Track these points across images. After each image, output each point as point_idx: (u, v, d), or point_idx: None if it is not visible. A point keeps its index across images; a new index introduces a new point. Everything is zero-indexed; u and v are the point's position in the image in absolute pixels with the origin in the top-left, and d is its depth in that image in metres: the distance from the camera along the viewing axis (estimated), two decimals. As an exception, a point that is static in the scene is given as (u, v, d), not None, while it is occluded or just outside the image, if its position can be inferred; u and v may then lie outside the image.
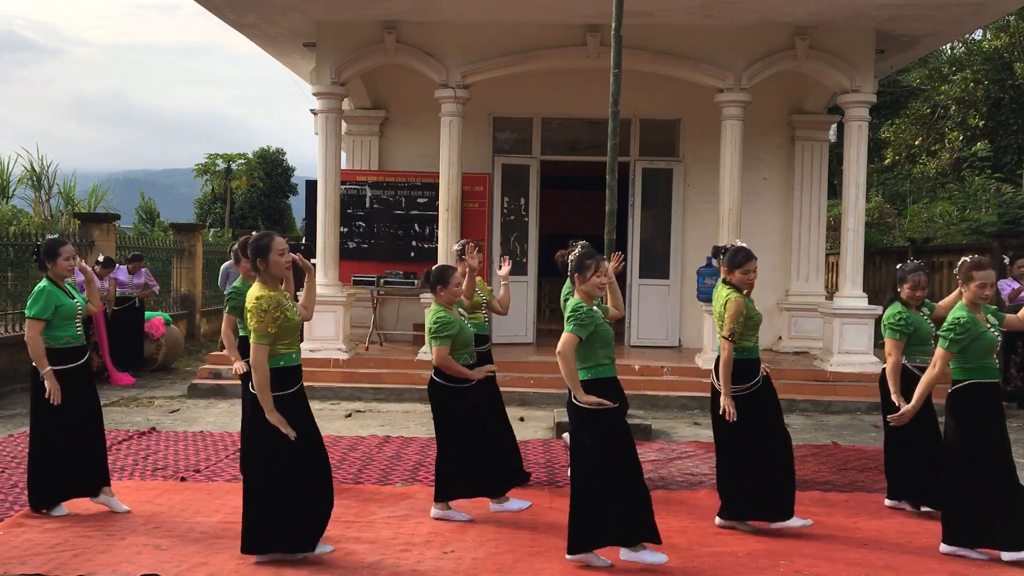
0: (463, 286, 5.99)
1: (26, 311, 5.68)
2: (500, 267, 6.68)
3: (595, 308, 4.99)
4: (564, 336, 4.86)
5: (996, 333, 5.23)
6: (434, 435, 5.92)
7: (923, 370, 5.97)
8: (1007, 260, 10.47)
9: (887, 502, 6.21)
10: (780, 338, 12.65)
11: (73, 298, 5.79)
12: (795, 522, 5.56)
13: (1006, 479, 5.13)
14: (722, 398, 5.47)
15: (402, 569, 4.87)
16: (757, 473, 5.52)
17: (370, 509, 5.95)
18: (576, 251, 5.56)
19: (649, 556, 4.91)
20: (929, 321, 6.03)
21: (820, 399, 10.27)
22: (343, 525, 5.58)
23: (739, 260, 5.61)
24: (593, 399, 4.81)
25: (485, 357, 6.52)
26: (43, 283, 5.73)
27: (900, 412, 5.37)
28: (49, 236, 5.99)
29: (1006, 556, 5.08)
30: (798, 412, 10.07)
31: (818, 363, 11.23)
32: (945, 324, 5.22)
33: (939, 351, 5.17)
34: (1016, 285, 10.31)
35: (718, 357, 5.58)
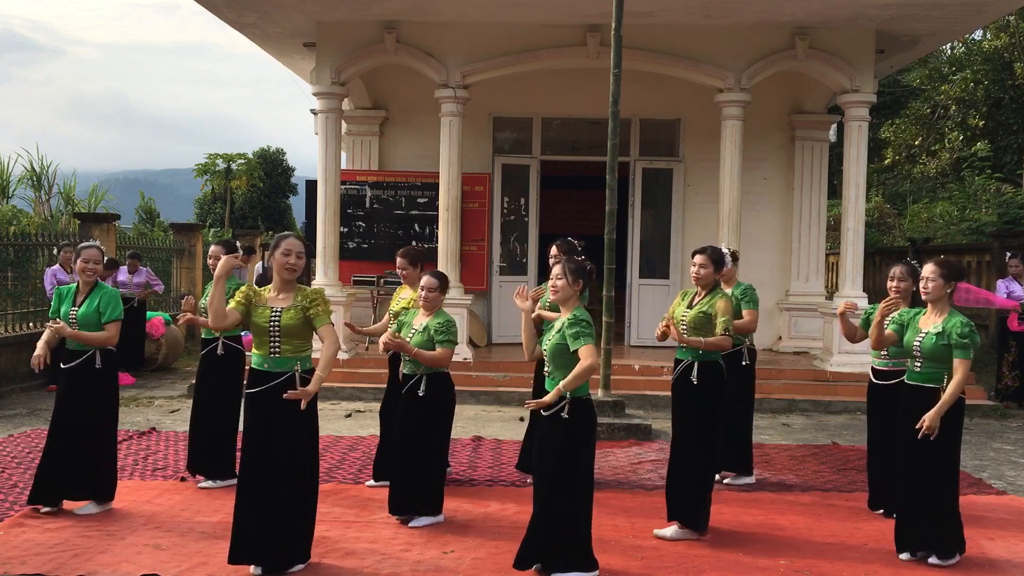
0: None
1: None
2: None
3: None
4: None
5: (920, 337, 5.09)
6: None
7: (875, 371, 6.01)
8: (1008, 258, 10.52)
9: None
10: (780, 338, 12.64)
11: (62, 305, 5.81)
12: (668, 531, 5.53)
13: (915, 481, 5.10)
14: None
15: (402, 569, 4.87)
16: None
17: (370, 509, 5.95)
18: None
19: None
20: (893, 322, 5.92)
21: (820, 399, 10.27)
22: (343, 525, 5.59)
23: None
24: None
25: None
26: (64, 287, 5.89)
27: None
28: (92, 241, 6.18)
29: (904, 556, 5.14)
30: (798, 412, 10.07)
31: (818, 363, 11.23)
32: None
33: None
34: (1016, 284, 10.34)
35: None
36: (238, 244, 6.94)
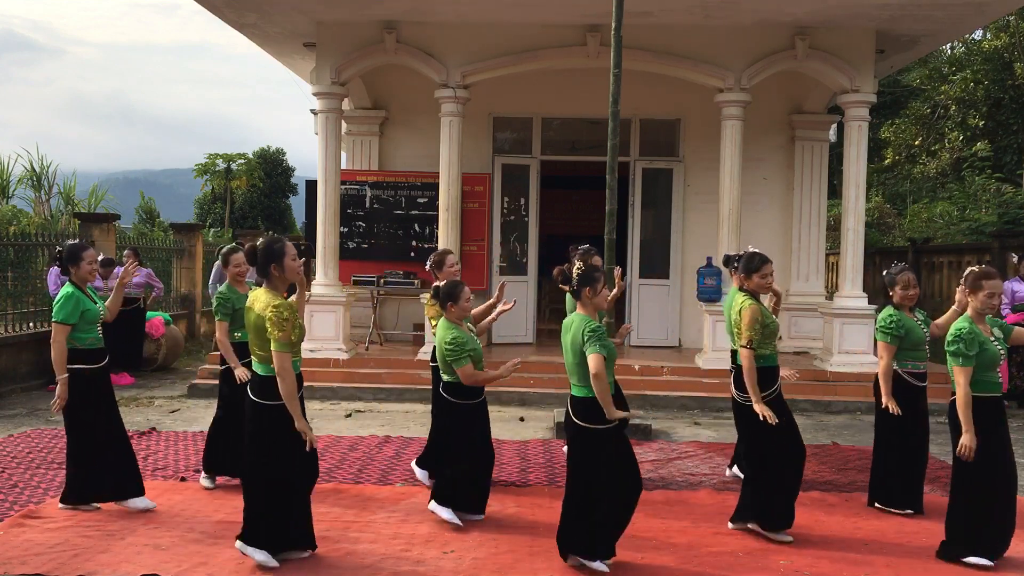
0: (471, 301, 5.89)
1: (53, 316, 5.69)
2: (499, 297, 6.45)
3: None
4: (593, 358, 4.67)
5: (1000, 347, 5.03)
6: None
7: (915, 376, 5.95)
8: (1015, 259, 10.47)
9: (877, 505, 6.18)
10: (780, 338, 12.60)
11: (95, 303, 5.84)
12: (783, 536, 5.48)
13: (1003, 494, 5.04)
14: (755, 406, 5.34)
15: (402, 569, 4.87)
16: (768, 480, 5.47)
17: (370, 509, 5.95)
18: (578, 263, 5.44)
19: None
20: (923, 326, 5.96)
21: (820, 399, 10.28)
22: (343, 525, 5.59)
23: (755, 265, 5.56)
24: (618, 413, 4.77)
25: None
26: (68, 288, 5.77)
27: (962, 444, 4.93)
28: (70, 241, 6.03)
29: (971, 560, 5.04)
30: (798, 412, 10.03)
31: (818, 363, 11.23)
32: (948, 338, 5.01)
33: (956, 370, 4.94)
34: (1021, 285, 10.31)
35: (738, 367, 5.54)
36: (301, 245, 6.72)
